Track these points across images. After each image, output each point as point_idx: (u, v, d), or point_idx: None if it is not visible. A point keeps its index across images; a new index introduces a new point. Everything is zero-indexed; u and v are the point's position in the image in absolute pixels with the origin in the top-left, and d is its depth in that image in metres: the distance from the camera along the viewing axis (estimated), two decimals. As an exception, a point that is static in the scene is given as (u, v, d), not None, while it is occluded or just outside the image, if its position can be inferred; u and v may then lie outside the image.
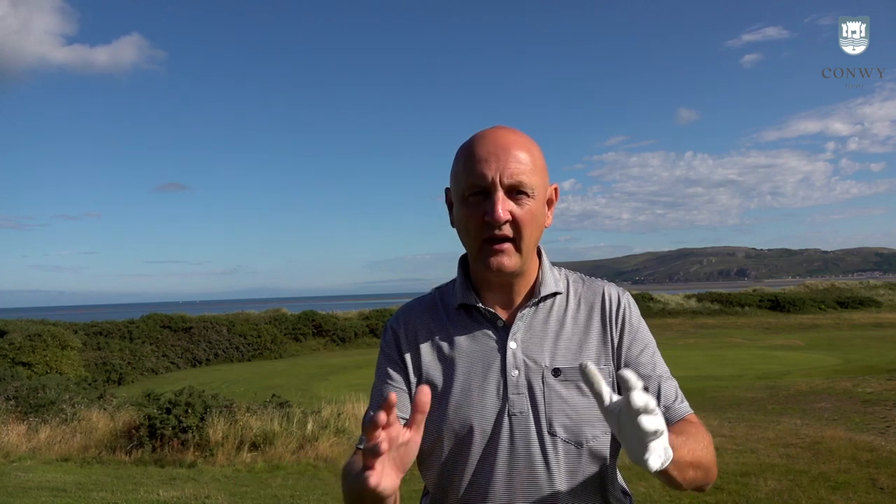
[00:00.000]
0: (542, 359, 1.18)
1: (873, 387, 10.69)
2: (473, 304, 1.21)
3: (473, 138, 1.18)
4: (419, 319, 1.26)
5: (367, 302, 71.49)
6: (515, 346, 1.18)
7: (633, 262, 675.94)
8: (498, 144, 1.14)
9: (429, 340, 1.23)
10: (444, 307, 1.26)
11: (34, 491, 6.10)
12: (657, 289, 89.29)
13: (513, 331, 1.19)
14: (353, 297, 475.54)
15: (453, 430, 1.17)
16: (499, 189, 1.12)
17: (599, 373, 0.94)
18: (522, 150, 1.14)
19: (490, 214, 1.11)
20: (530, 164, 1.14)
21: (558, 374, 1.17)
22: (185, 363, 22.45)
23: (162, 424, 7.73)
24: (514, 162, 1.13)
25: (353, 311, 31.15)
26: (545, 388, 1.16)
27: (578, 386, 1.16)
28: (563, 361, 1.17)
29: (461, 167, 1.16)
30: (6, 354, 17.42)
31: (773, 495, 5.20)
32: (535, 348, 1.19)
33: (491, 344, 1.20)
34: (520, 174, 1.12)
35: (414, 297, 1.34)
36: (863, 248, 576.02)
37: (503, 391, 1.16)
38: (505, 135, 1.16)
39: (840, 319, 28.22)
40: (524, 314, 1.20)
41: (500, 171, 1.12)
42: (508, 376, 1.17)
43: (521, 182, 1.13)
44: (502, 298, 1.22)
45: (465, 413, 1.17)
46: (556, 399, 1.15)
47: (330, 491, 6.11)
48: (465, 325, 1.22)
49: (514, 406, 1.15)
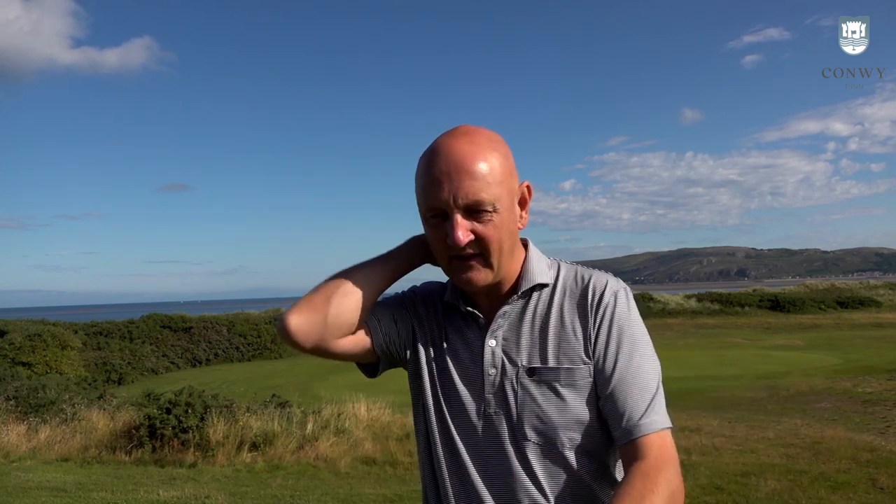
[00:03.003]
0: (520, 357, 1.14)
1: (873, 387, 10.69)
2: (456, 304, 1.21)
3: (429, 152, 1.10)
4: (428, 302, 1.27)
5: (367, 302, 71.19)
6: (494, 343, 1.16)
7: (633, 262, 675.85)
8: (450, 162, 1.06)
9: (424, 328, 1.24)
10: (441, 300, 1.26)
11: (34, 491, 6.09)
12: (657, 289, 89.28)
13: (492, 328, 1.16)
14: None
15: (432, 429, 1.18)
16: (455, 212, 1.06)
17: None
18: (478, 162, 1.06)
19: (450, 238, 1.07)
20: (488, 176, 1.06)
21: (533, 374, 1.12)
22: (185, 363, 22.45)
23: (162, 424, 7.73)
24: (468, 180, 1.05)
25: (353, 311, 31.09)
26: (518, 388, 1.12)
27: (553, 387, 1.11)
28: (539, 361, 1.13)
29: (418, 187, 1.11)
30: (6, 354, 17.42)
31: (773, 495, 5.20)
32: (513, 346, 1.15)
33: (473, 342, 1.18)
34: (476, 193, 1.05)
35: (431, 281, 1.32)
36: (863, 248, 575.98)
37: (480, 390, 1.15)
38: (460, 147, 1.07)
39: (840, 319, 28.21)
40: (506, 311, 1.17)
41: (453, 193, 1.05)
42: (485, 375, 1.15)
43: (479, 200, 1.06)
44: (486, 296, 1.19)
45: (443, 411, 1.17)
46: (528, 400, 1.11)
47: (330, 491, 6.11)
48: (452, 322, 1.22)
49: (489, 406, 1.14)
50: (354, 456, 7.42)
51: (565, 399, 1.11)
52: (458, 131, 1.11)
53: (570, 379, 1.11)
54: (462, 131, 1.11)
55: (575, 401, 1.11)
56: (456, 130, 1.11)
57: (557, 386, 1.11)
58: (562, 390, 1.11)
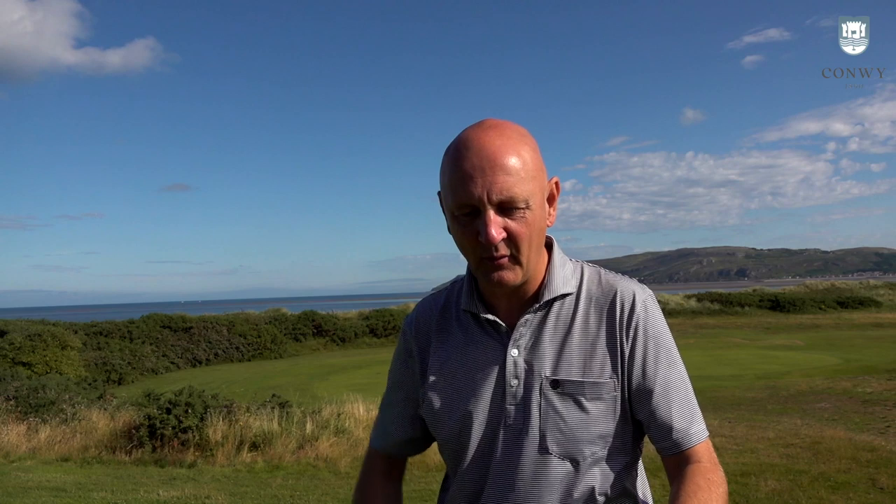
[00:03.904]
0: (543, 368, 1.10)
1: (873, 387, 10.68)
2: (476, 311, 1.15)
3: (458, 145, 1.05)
4: (431, 320, 1.23)
5: (367, 302, 71.46)
6: (517, 353, 1.11)
7: (633, 262, 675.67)
8: (483, 156, 1.01)
9: (436, 343, 1.21)
10: (456, 308, 1.22)
11: (34, 491, 6.10)
12: (657, 289, 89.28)
13: (515, 337, 1.12)
14: (354, 297, 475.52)
15: (453, 438, 1.15)
16: (488, 208, 1.01)
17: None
18: (511, 156, 1.02)
19: (483, 236, 1.02)
20: (521, 171, 1.02)
21: (557, 387, 1.09)
22: (185, 363, 22.45)
23: (162, 424, 7.73)
24: (502, 175, 1.00)
25: (353, 312, 31.13)
26: (542, 400, 1.09)
27: (577, 400, 1.08)
28: (564, 373, 1.09)
29: (447, 182, 1.06)
30: (6, 354, 17.42)
31: (773, 495, 5.20)
32: (537, 357, 1.11)
33: (494, 351, 1.14)
34: (510, 188, 1.01)
35: (418, 297, 1.33)
36: (863, 248, 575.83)
37: (501, 401, 1.11)
38: (491, 140, 1.02)
39: (840, 319, 28.21)
40: (528, 319, 1.12)
41: (487, 189, 1.00)
42: (507, 386, 1.11)
43: (513, 196, 1.01)
44: (508, 302, 1.15)
45: (463, 421, 1.13)
46: (551, 413, 1.08)
47: (330, 491, 6.11)
48: (470, 330, 1.17)
49: (510, 417, 1.10)
50: (354, 456, 7.41)
51: (590, 413, 1.08)
52: (486, 124, 1.06)
53: (595, 393, 1.09)
54: (490, 124, 1.06)
55: (600, 415, 1.09)
56: (483, 123, 1.07)
57: (583, 400, 1.08)
58: (587, 404, 1.08)
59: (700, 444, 1.09)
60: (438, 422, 1.17)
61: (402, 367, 1.26)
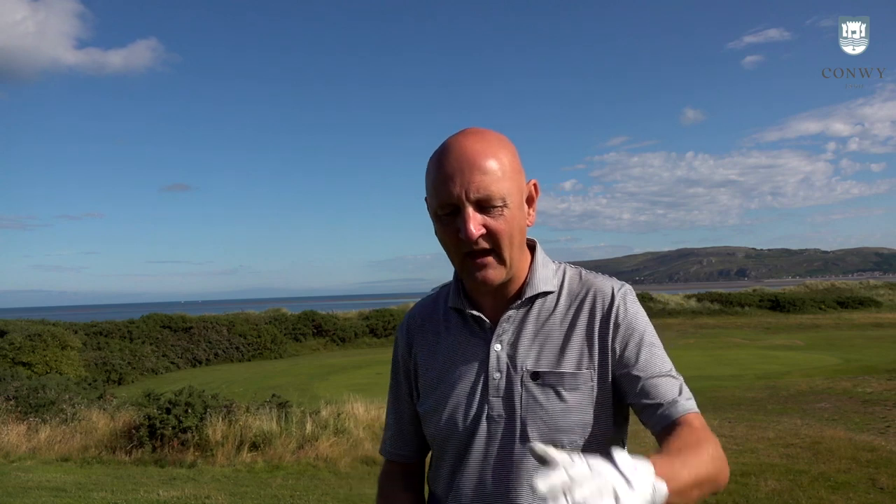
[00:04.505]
0: (525, 362, 1.16)
1: (873, 387, 10.68)
2: (461, 307, 1.23)
3: (439, 152, 1.13)
4: (419, 322, 1.31)
5: (367, 302, 71.46)
6: (500, 348, 1.18)
7: (633, 262, 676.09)
8: (461, 158, 1.09)
9: (425, 343, 1.28)
10: (444, 307, 1.29)
11: (34, 491, 6.10)
12: (657, 289, 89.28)
13: (498, 332, 1.19)
14: (353, 297, 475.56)
15: (438, 431, 1.21)
16: (467, 205, 1.08)
17: (545, 449, 0.80)
18: (488, 158, 1.09)
19: (462, 232, 1.09)
20: (498, 171, 1.09)
21: (537, 378, 1.14)
22: (185, 363, 22.44)
23: (162, 424, 7.73)
24: (479, 174, 1.08)
25: (353, 311, 31.12)
26: (523, 391, 1.14)
27: (557, 391, 1.13)
28: (545, 365, 1.15)
29: (430, 184, 1.14)
30: (6, 354, 17.41)
31: (773, 495, 5.20)
32: (518, 351, 1.17)
33: (478, 346, 1.20)
34: (487, 186, 1.08)
35: (418, 297, 1.39)
36: (863, 248, 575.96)
37: (485, 393, 1.17)
38: (469, 145, 1.10)
39: (840, 319, 28.20)
40: (511, 316, 1.19)
41: (465, 187, 1.08)
42: (490, 379, 1.17)
43: (490, 194, 1.08)
44: (492, 300, 1.21)
45: (448, 414, 1.19)
46: (532, 403, 1.14)
47: (330, 491, 6.11)
48: (456, 327, 1.24)
49: (493, 409, 1.16)
50: (354, 456, 7.42)
51: (568, 402, 1.13)
52: (467, 131, 1.15)
53: (573, 383, 1.14)
54: (471, 131, 1.15)
55: (577, 405, 1.14)
56: (465, 131, 1.15)
57: (561, 390, 1.14)
58: (565, 394, 1.13)
59: (690, 412, 1.11)
60: (428, 416, 1.23)
61: (398, 370, 1.34)
